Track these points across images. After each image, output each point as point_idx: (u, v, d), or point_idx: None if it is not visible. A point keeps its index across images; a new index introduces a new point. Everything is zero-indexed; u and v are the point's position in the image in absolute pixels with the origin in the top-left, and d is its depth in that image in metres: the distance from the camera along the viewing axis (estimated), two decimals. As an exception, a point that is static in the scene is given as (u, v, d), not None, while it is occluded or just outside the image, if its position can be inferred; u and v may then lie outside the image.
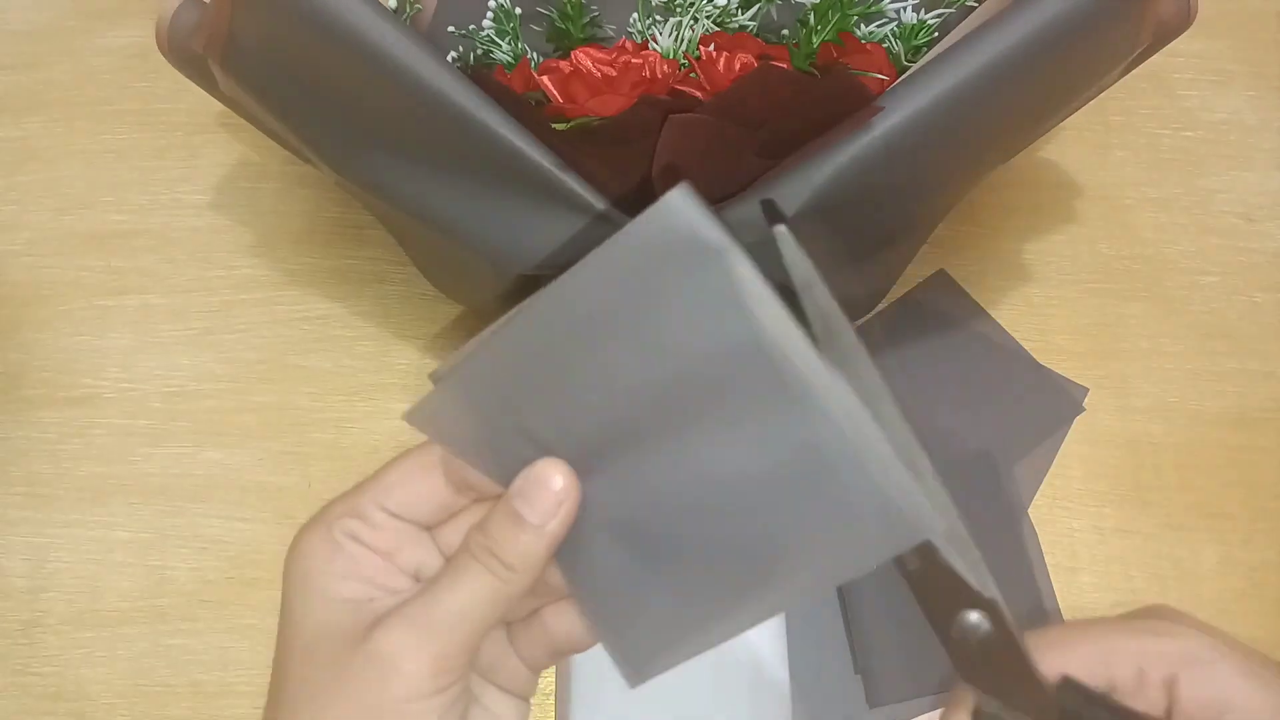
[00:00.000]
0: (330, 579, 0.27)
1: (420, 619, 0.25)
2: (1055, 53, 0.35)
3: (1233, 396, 0.50)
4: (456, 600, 0.25)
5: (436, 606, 0.25)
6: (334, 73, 0.36)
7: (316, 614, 0.27)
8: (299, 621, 0.27)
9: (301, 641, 0.27)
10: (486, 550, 0.26)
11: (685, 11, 0.42)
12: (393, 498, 0.27)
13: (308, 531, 0.27)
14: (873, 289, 0.46)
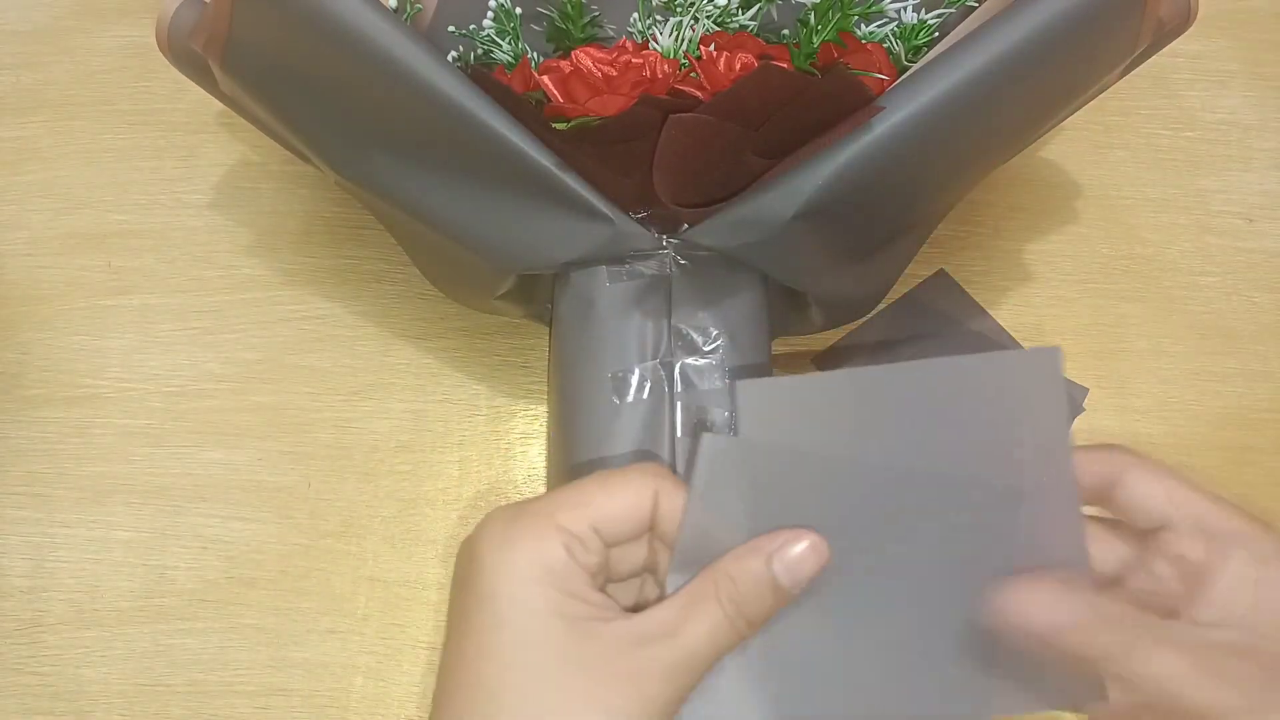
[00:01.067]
0: (556, 595, 0.26)
1: (674, 662, 0.26)
2: (1055, 53, 0.35)
3: (1232, 396, 0.50)
4: (700, 647, 0.26)
5: (685, 652, 0.26)
6: (334, 73, 0.36)
7: (543, 632, 0.25)
8: (520, 635, 0.25)
9: (525, 657, 0.25)
10: (734, 603, 0.26)
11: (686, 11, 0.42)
12: (609, 525, 0.27)
13: (524, 531, 0.26)
14: (873, 289, 0.46)
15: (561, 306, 0.40)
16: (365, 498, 0.48)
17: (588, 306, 0.39)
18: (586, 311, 0.39)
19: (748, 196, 0.36)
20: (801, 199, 0.35)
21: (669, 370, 0.38)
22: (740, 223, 0.36)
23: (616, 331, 0.38)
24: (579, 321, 0.39)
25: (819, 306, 0.42)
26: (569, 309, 0.39)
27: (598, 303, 0.38)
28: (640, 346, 0.38)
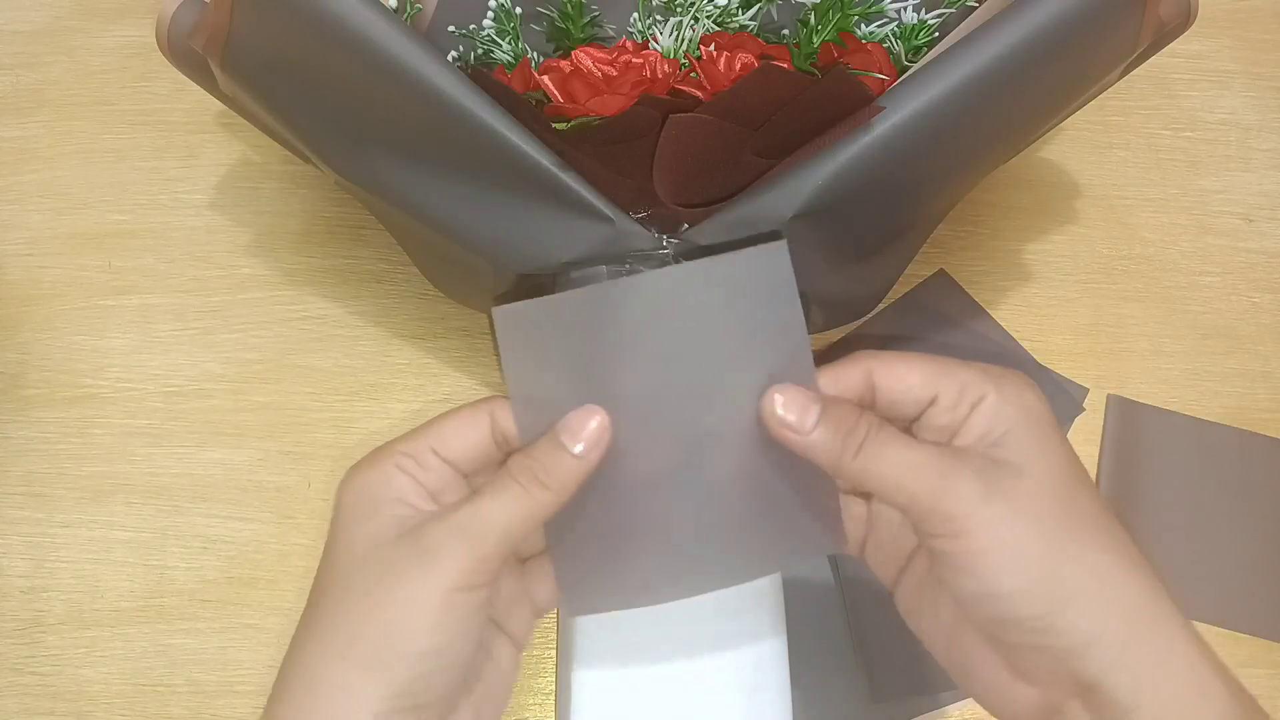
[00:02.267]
0: (385, 502, 0.29)
1: (464, 523, 0.28)
2: (1055, 53, 0.35)
3: (1232, 396, 0.50)
4: (496, 511, 0.29)
5: (478, 514, 0.29)
6: (334, 73, 0.36)
7: (369, 529, 0.29)
8: (352, 536, 0.29)
9: (352, 552, 0.29)
10: (529, 471, 0.29)
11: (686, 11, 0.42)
12: (445, 444, 0.30)
13: (365, 464, 0.30)
14: (873, 289, 0.46)
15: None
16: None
17: (588, 306, 0.38)
18: (586, 311, 0.38)
19: (748, 196, 0.36)
20: (801, 199, 0.35)
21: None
22: (740, 223, 0.36)
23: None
24: (579, 321, 0.39)
25: (819, 306, 0.42)
26: (569, 309, 0.39)
27: (598, 303, 0.38)
28: (640, 346, 0.38)
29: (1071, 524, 0.28)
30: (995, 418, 0.29)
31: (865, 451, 0.29)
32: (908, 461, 0.28)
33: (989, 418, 0.29)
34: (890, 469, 0.29)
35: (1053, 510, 0.28)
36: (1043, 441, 0.29)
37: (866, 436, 0.29)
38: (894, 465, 0.29)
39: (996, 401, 0.29)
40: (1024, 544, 0.27)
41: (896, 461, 0.29)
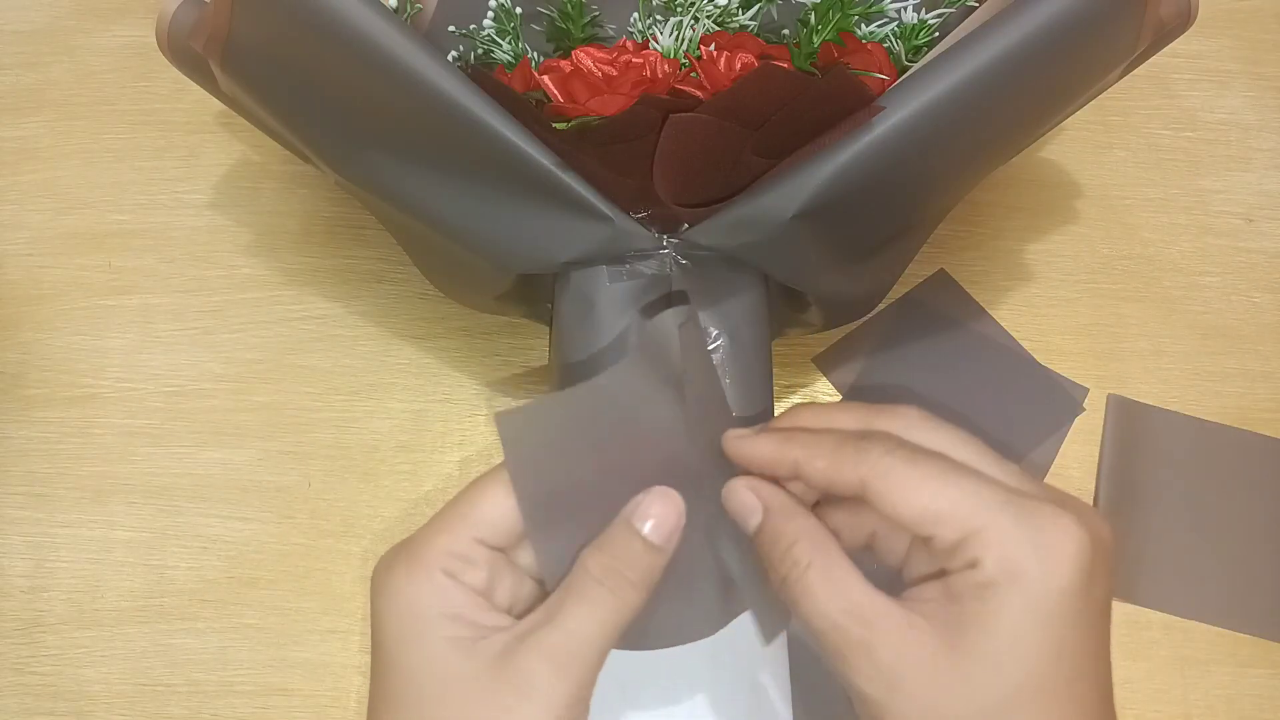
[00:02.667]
0: (439, 621, 0.26)
1: (557, 648, 0.25)
2: (1055, 53, 0.35)
3: (1232, 396, 0.50)
4: (586, 626, 0.26)
5: (569, 634, 0.25)
6: (334, 73, 0.36)
7: (429, 657, 0.25)
8: (408, 666, 0.26)
9: (416, 687, 0.25)
10: (613, 572, 0.26)
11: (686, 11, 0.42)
12: (488, 528, 0.27)
13: (404, 569, 0.26)
14: (873, 289, 0.46)
15: (561, 306, 0.40)
16: (365, 498, 0.48)
17: (588, 306, 0.38)
18: (586, 311, 0.39)
19: (748, 196, 0.36)
20: (801, 199, 0.35)
21: (669, 370, 0.38)
22: (740, 223, 0.36)
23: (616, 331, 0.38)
24: (579, 321, 0.39)
25: (819, 306, 0.42)
26: (569, 309, 0.39)
27: (598, 303, 0.38)
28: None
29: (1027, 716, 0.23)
30: (979, 598, 0.24)
31: (784, 587, 0.26)
32: (819, 625, 0.25)
33: (972, 593, 0.24)
34: (805, 620, 0.26)
35: (1005, 703, 0.23)
36: (1012, 653, 0.24)
37: (791, 572, 0.26)
38: (808, 621, 0.26)
39: (988, 581, 0.24)
40: None
41: (810, 620, 0.26)
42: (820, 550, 0.27)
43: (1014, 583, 0.24)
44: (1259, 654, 0.45)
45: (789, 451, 0.28)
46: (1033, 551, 0.24)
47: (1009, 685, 0.23)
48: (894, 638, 0.25)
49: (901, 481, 0.25)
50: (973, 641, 0.24)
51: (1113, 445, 0.49)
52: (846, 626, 0.25)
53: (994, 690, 0.23)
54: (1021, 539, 0.24)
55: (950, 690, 0.24)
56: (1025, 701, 0.23)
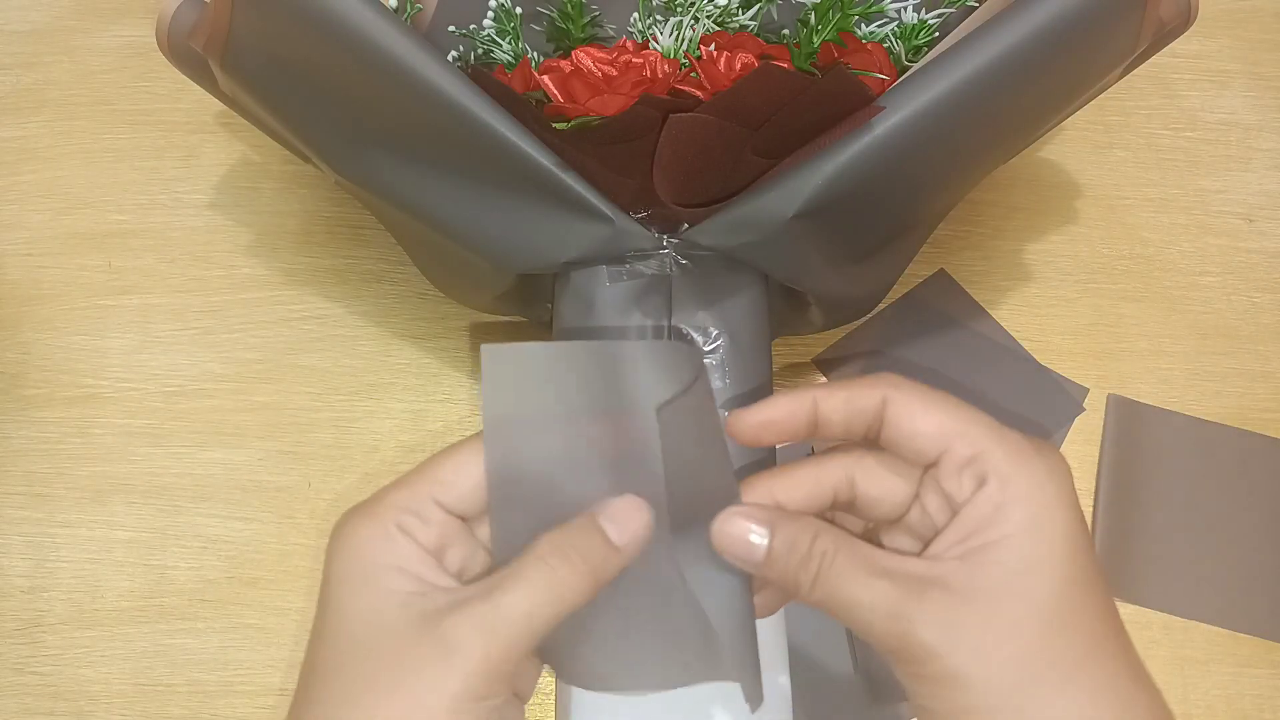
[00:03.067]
0: (384, 571, 0.26)
1: (486, 617, 0.25)
2: (1055, 53, 0.35)
3: (1232, 396, 0.50)
4: (524, 603, 0.26)
5: (504, 607, 0.26)
6: (334, 73, 0.36)
7: (367, 604, 0.26)
8: (347, 610, 0.26)
9: (349, 630, 0.26)
10: (560, 552, 0.26)
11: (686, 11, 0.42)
12: (447, 490, 0.27)
13: (360, 519, 0.27)
14: (873, 289, 0.46)
15: (561, 306, 0.40)
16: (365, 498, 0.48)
17: (588, 306, 0.38)
18: (586, 311, 0.39)
19: (748, 196, 0.36)
20: (801, 199, 0.35)
21: (669, 370, 0.38)
22: (740, 223, 0.36)
23: (616, 331, 0.38)
24: (579, 321, 0.39)
25: (819, 306, 0.42)
26: (569, 309, 0.39)
27: (598, 303, 0.38)
28: (640, 346, 0.38)
29: (1056, 658, 0.25)
30: (989, 519, 0.26)
31: (819, 584, 0.27)
32: (866, 601, 0.26)
33: (983, 516, 0.26)
34: (848, 608, 0.26)
35: (1035, 642, 0.25)
36: (1034, 564, 0.25)
37: (820, 566, 0.26)
38: (851, 604, 0.26)
39: (998, 497, 0.26)
40: (992, 685, 0.25)
41: (853, 601, 0.26)
42: (842, 537, 0.27)
43: (1022, 500, 0.26)
44: (1259, 654, 0.45)
45: (804, 397, 0.28)
46: (1035, 470, 0.26)
47: (1040, 597, 0.25)
48: (934, 592, 0.25)
49: (918, 401, 0.27)
50: (1000, 564, 0.25)
51: (1113, 445, 0.49)
52: (887, 592, 0.26)
53: (1031, 604, 0.25)
54: (1023, 458, 0.26)
55: (997, 619, 0.25)
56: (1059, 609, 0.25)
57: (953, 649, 0.25)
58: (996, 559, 0.25)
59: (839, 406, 0.28)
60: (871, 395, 0.28)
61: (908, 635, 0.25)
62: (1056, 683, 0.25)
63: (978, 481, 0.26)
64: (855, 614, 0.26)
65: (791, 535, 0.27)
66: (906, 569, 0.26)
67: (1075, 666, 0.25)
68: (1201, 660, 0.45)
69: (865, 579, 0.26)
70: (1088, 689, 0.25)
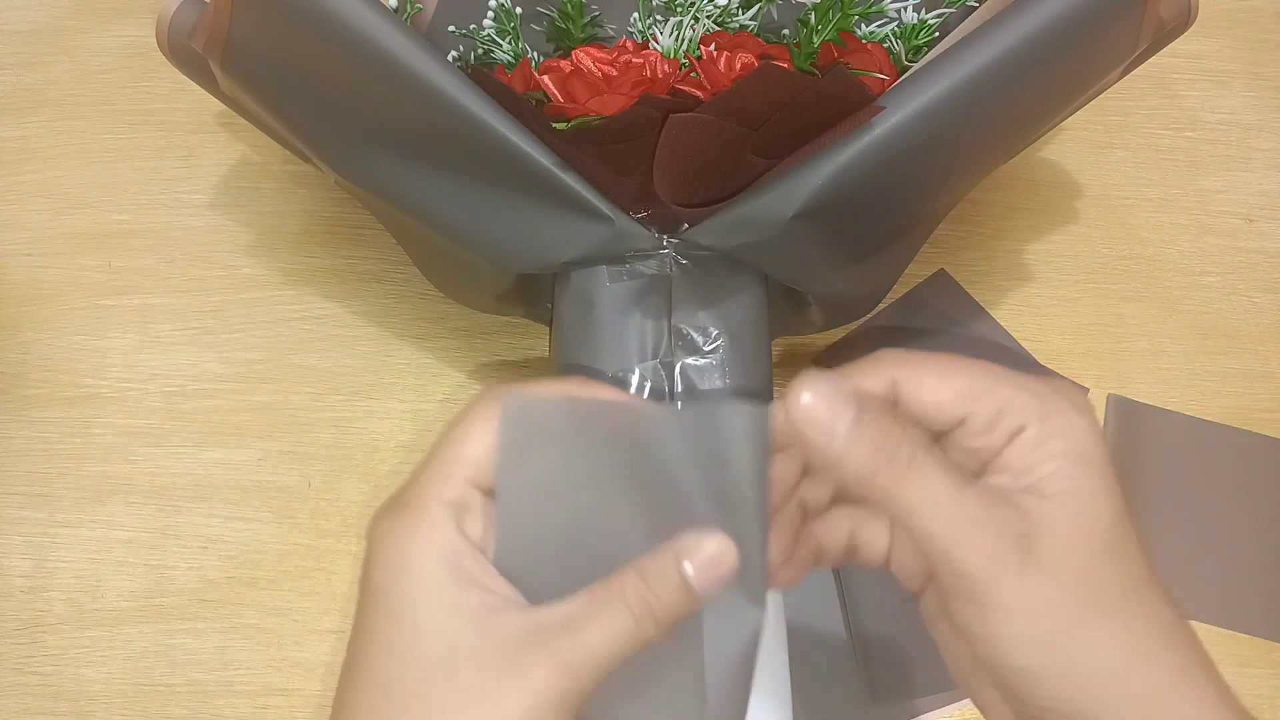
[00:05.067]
0: (453, 588, 0.25)
1: (573, 663, 0.25)
2: (1055, 53, 0.35)
3: (1232, 397, 0.50)
4: (605, 648, 0.25)
5: (586, 652, 0.25)
6: (334, 73, 0.36)
7: (443, 628, 0.25)
8: (419, 632, 0.25)
9: (428, 651, 0.25)
10: (645, 604, 0.26)
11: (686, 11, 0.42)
12: (476, 467, 0.26)
13: (409, 529, 0.26)
14: (873, 289, 0.46)
15: (561, 306, 0.40)
16: (365, 498, 0.48)
17: (588, 306, 0.39)
18: (586, 311, 0.39)
19: (748, 196, 0.36)
20: (801, 199, 0.35)
21: (669, 370, 0.38)
22: (740, 223, 0.36)
23: (616, 331, 0.38)
24: (579, 321, 0.39)
25: (819, 306, 0.42)
26: (569, 309, 0.39)
27: (598, 303, 0.38)
28: (640, 346, 0.38)
29: (1098, 596, 0.25)
30: (1035, 455, 0.25)
31: (899, 478, 0.25)
32: (942, 502, 0.25)
33: (1028, 455, 0.26)
34: (921, 505, 0.25)
35: (1079, 579, 0.25)
36: (1086, 492, 0.25)
37: (908, 461, 0.25)
38: (926, 502, 0.25)
39: (1038, 435, 0.25)
40: (1039, 619, 0.25)
41: (930, 499, 0.25)
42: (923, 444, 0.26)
43: (1058, 437, 0.25)
44: (1259, 654, 0.45)
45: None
46: (1066, 402, 0.26)
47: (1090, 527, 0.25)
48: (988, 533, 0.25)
49: (929, 371, 0.27)
50: (1056, 492, 0.25)
51: (1112, 446, 0.49)
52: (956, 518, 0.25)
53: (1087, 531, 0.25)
54: (1052, 398, 0.26)
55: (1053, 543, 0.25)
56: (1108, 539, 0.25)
57: (1007, 573, 0.25)
58: (1041, 498, 0.25)
59: (989, 404, 0.27)
60: (878, 379, 0.27)
61: (971, 546, 0.25)
62: (1105, 610, 0.25)
63: (1011, 432, 0.26)
64: (926, 512, 0.25)
65: (878, 422, 0.25)
66: (978, 489, 0.25)
67: (1123, 596, 0.25)
68: (1201, 660, 0.45)
69: (947, 481, 0.25)
70: (1139, 616, 0.25)
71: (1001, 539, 0.25)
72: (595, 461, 0.28)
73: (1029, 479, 0.26)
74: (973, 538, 0.25)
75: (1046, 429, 0.26)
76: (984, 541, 0.25)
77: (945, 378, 0.26)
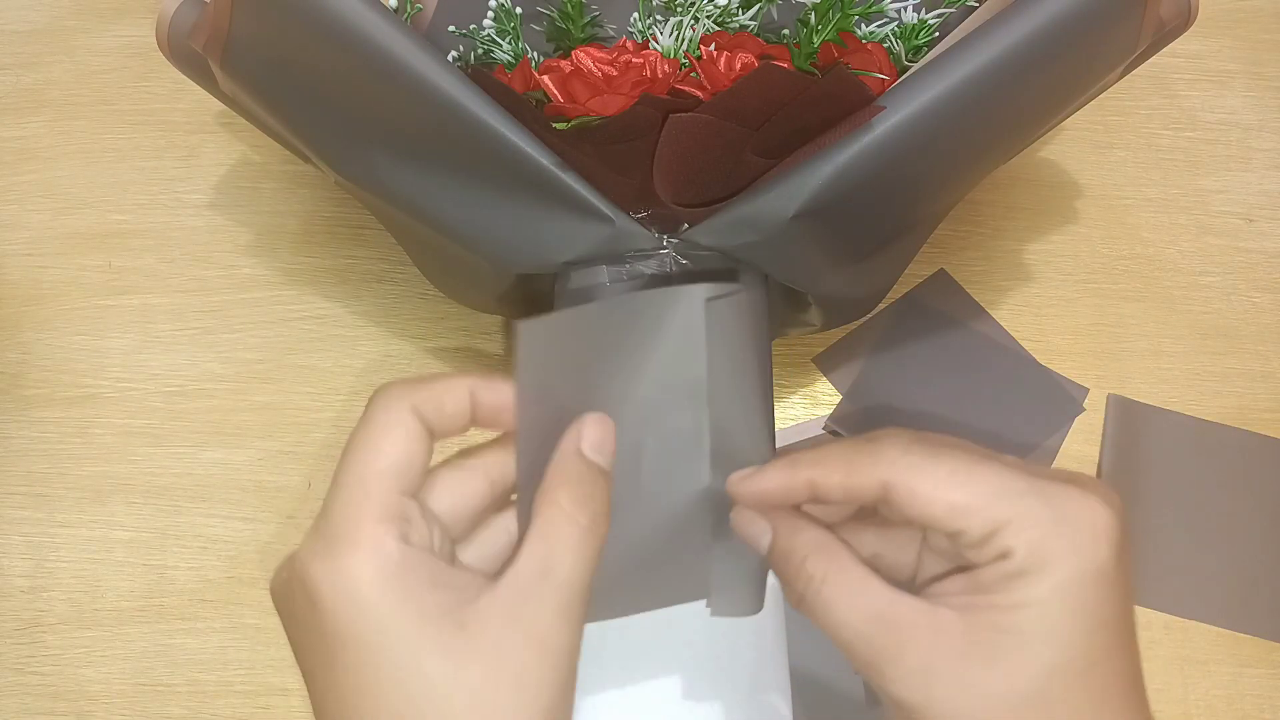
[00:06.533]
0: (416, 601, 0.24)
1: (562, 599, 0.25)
2: (1055, 53, 0.35)
3: (1232, 396, 0.50)
4: (572, 567, 0.25)
5: (568, 581, 0.25)
6: (334, 73, 0.36)
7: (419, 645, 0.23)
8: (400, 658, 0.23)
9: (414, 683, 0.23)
10: (580, 504, 0.26)
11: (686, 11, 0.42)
12: (402, 476, 0.25)
13: (348, 555, 0.24)
14: (873, 289, 0.46)
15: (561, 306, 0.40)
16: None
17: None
18: (586, 311, 0.39)
19: (748, 196, 0.36)
20: (801, 199, 0.35)
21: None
22: (740, 223, 0.36)
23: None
24: (579, 321, 0.39)
25: (819, 306, 0.42)
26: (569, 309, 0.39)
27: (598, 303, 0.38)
28: (640, 346, 0.38)
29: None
30: (1009, 588, 0.24)
31: (805, 603, 0.26)
32: (847, 637, 0.25)
33: (1002, 584, 0.24)
34: (831, 635, 0.25)
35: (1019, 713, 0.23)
36: (1046, 638, 0.23)
37: (809, 587, 0.26)
38: (834, 634, 0.25)
39: (1018, 570, 0.24)
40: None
41: (835, 633, 0.25)
42: (834, 561, 0.26)
43: (1048, 569, 0.23)
44: (1259, 654, 0.45)
45: (799, 474, 0.27)
46: (1068, 535, 0.24)
47: (1048, 667, 0.23)
48: (923, 637, 0.24)
49: (925, 477, 0.25)
50: (1007, 630, 0.24)
51: (1113, 445, 0.49)
52: (871, 634, 0.25)
53: (1032, 675, 0.23)
54: (1054, 525, 0.24)
55: (987, 682, 0.23)
56: (1066, 682, 0.23)
57: (926, 708, 0.24)
58: (1005, 625, 0.24)
59: (836, 490, 0.26)
60: (869, 480, 0.25)
61: (884, 687, 0.24)
62: None
63: (998, 554, 0.24)
64: (837, 643, 0.26)
65: (785, 548, 0.27)
66: (893, 614, 0.25)
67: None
68: (1201, 660, 0.45)
69: (848, 618, 0.25)
70: None
71: (904, 682, 0.24)
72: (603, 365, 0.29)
73: (989, 603, 0.24)
74: (875, 677, 0.24)
75: (1030, 567, 0.24)
76: (884, 686, 0.24)
77: (940, 489, 0.24)
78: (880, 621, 0.25)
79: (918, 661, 0.24)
